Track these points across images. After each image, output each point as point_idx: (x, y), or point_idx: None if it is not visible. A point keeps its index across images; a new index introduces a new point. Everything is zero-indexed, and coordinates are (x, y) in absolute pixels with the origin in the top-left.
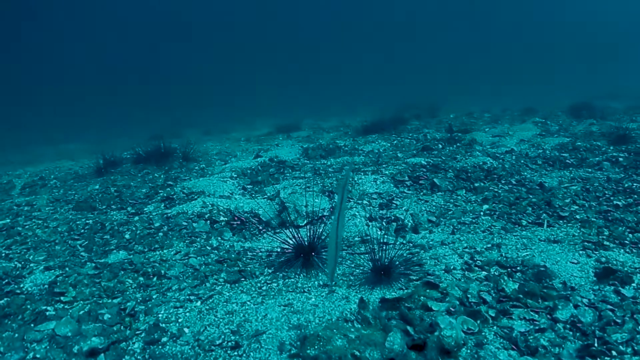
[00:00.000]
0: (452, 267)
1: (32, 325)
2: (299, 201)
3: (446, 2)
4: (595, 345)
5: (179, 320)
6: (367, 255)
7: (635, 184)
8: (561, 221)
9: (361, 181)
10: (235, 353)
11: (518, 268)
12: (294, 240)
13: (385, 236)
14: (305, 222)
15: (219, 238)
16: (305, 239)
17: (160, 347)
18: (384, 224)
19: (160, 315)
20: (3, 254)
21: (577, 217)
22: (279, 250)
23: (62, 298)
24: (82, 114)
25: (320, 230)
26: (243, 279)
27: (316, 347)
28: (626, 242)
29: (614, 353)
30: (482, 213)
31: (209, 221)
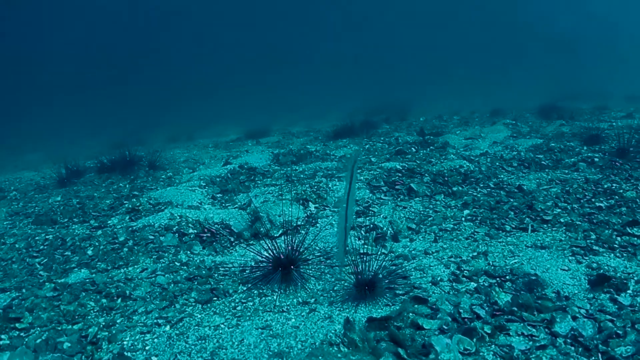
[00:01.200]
0: (439, 279)
1: None
2: (273, 210)
3: (408, 6)
4: None
5: (147, 347)
6: (348, 268)
7: (614, 185)
8: (545, 225)
9: (336, 188)
10: None
11: (507, 277)
12: (270, 252)
13: (365, 246)
14: (280, 232)
15: (189, 252)
16: (283, 251)
17: None
18: (362, 233)
19: (125, 343)
20: None
21: (562, 220)
22: (253, 264)
23: (17, 325)
24: (45, 120)
25: (298, 241)
26: (216, 299)
27: None
28: (615, 245)
29: None
30: (463, 219)
31: (177, 234)
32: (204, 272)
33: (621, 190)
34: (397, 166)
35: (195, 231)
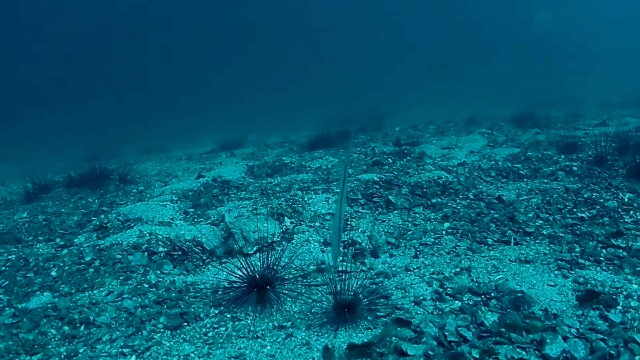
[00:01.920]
0: (421, 298)
1: None
2: (246, 226)
3: (380, 15)
4: None
5: None
6: (325, 287)
7: (594, 194)
8: (528, 238)
9: (312, 201)
10: None
11: (492, 294)
12: (244, 271)
13: (344, 263)
14: (255, 249)
15: (158, 272)
16: (258, 269)
17: None
18: (340, 248)
19: None
20: None
21: (544, 232)
22: (227, 284)
23: None
24: (14, 131)
25: (274, 258)
26: (186, 324)
27: None
28: (601, 258)
29: None
30: (444, 232)
31: (146, 253)
32: (173, 294)
33: (602, 200)
34: (375, 178)
35: (166, 249)
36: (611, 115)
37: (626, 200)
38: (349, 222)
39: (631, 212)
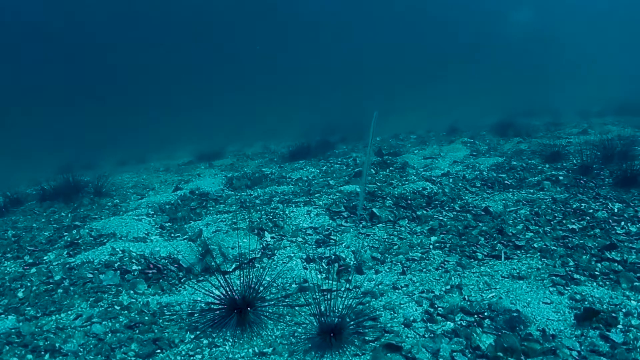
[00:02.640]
0: (411, 319)
1: None
2: (225, 242)
3: (355, 24)
4: None
5: None
6: (308, 308)
7: (583, 204)
8: (519, 251)
9: (293, 214)
10: None
11: (486, 314)
12: (223, 291)
13: (328, 281)
14: (234, 266)
15: (132, 292)
16: (238, 287)
17: None
18: (323, 265)
19: None
20: None
21: (535, 245)
22: (204, 305)
23: None
24: None
25: (254, 277)
26: (159, 351)
27: None
28: (596, 273)
29: None
30: (431, 246)
31: (119, 271)
32: (146, 317)
33: (591, 210)
34: (358, 189)
35: (140, 267)
36: (592, 124)
37: (616, 210)
38: (331, 237)
39: (622, 223)
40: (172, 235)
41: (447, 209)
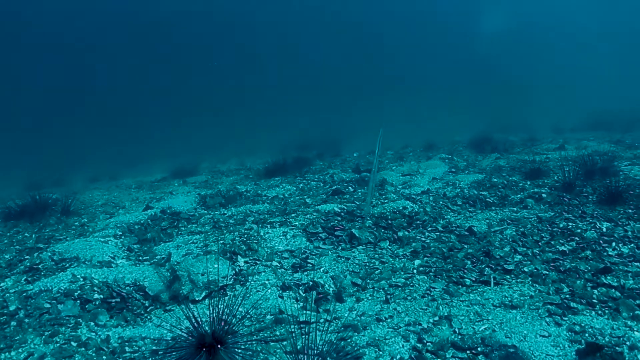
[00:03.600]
0: (399, 357)
1: None
2: (195, 267)
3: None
4: None
5: None
6: (285, 343)
7: (570, 224)
8: (509, 276)
9: (268, 236)
10: None
11: (480, 349)
12: (191, 324)
13: (305, 311)
14: (204, 294)
15: (92, 324)
16: (208, 319)
17: None
18: (301, 292)
19: None
20: None
21: (525, 269)
22: (170, 338)
23: None
24: None
25: (226, 307)
26: None
27: None
28: (594, 301)
29: None
30: (415, 271)
31: (79, 301)
32: (105, 357)
33: (579, 230)
34: (336, 208)
35: (102, 296)
36: (567, 139)
37: (604, 230)
38: (309, 260)
39: (613, 244)
40: (140, 258)
41: (429, 229)
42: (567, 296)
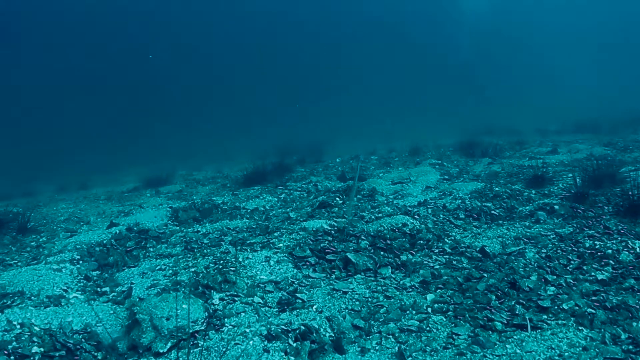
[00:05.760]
0: None
1: None
2: (159, 309)
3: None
4: None
5: None
6: None
7: (597, 242)
8: (546, 316)
9: (248, 262)
10: None
11: None
12: None
13: None
14: (169, 345)
15: None
16: None
17: None
18: (290, 342)
19: None
20: None
21: (564, 306)
22: None
23: None
24: None
25: None
26: None
27: None
28: None
29: None
30: (429, 309)
31: (13, 357)
32: None
33: (610, 251)
34: (325, 226)
35: (43, 349)
36: (556, 142)
37: (638, 250)
38: (298, 294)
39: None
40: (99, 290)
41: (436, 250)
42: (629, 347)
